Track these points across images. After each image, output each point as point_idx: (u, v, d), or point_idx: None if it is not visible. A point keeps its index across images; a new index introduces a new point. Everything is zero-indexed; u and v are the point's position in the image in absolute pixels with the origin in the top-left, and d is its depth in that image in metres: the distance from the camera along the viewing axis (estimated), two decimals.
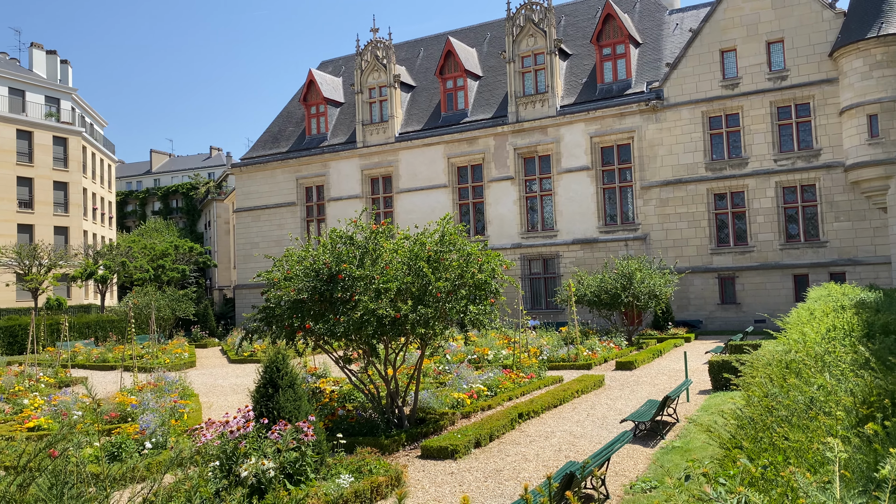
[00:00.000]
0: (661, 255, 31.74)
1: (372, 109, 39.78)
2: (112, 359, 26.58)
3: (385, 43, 39.62)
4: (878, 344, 5.53)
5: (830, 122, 29.42)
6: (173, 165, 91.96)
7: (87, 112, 60.21)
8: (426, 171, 37.75)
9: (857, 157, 28.28)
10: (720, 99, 31.44)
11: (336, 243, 12.77)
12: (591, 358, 20.81)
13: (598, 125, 33.75)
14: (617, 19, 34.26)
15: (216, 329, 39.12)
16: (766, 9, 30.88)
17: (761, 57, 30.83)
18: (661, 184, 32.32)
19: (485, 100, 37.80)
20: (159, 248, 43.90)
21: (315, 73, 42.33)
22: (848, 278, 28.20)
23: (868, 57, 27.94)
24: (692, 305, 31.58)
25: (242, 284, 41.61)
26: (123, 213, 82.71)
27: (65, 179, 52.23)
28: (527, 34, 35.63)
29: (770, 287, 30.29)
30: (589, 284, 25.41)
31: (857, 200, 28.93)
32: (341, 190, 39.98)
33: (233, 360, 27.25)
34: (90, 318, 34.40)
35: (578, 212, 34.04)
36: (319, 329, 11.74)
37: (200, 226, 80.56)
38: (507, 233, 35.59)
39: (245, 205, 42.83)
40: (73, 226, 52.11)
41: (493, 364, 19.27)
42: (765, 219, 30.52)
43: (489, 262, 12.74)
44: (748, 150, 30.87)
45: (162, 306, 32.34)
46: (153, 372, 21.28)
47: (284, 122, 44.50)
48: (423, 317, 11.64)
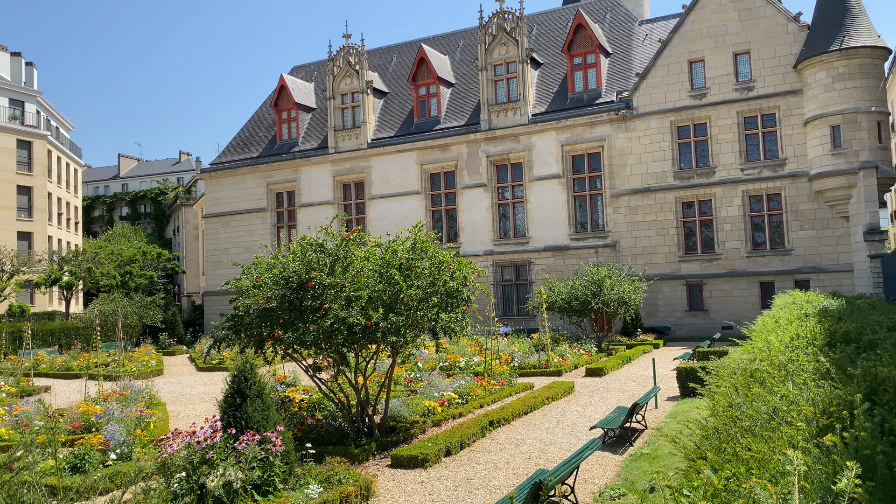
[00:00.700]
0: (630, 262, 32.06)
1: (344, 115, 39.65)
2: (77, 367, 26.08)
3: (358, 49, 39.56)
4: (838, 353, 5.64)
5: (795, 132, 30.01)
6: (142, 170, 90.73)
7: (53, 115, 59.16)
8: (399, 177, 37.72)
9: (820, 166, 28.88)
10: (688, 109, 31.90)
11: (306, 251, 12.68)
12: (561, 364, 20.93)
13: (569, 134, 34.04)
14: (588, 29, 34.61)
15: (184, 336, 38.60)
16: (733, 21, 31.44)
17: (728, 68, 31.37)
18: (631, 192, 32.68)
19: (458, 107, 37.91)
20: (127, 254, 43.22)
21: (287, 79, 42.10)
22: (812, 286, 28.73)
23: (831, 69, 28.58)
24: (661, 312, 31.93)
25: (211, 291, 41.13)
26: (90, 219, 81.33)
27: (29, 184, 51.22)
28: (499, 43, 35.84)
29: (737, 294, 30.75)
30: (560, 291, 25.58)
31: (821, 209, 29.53)
32: (313, 196, 39.76)
33: (201, 367, 26.91)
34: (54, 326, 33.72)
35: (550, 219, 34.27)
36: (289, 338, 11.64)
37: (169, 231, 79.53)
38: (480, 239, 35.69)
39: (214, 210, 42.37)
40: (37, 231, 51.10)
41: (464, 371, 19.28)
42: (732, 227, 31.00)
43: (461, 269, 12.75)
44: (716, 160, 31.36)
45: (129, 313, 31.83)
46: (119, 380, 20.90)
47: (255, 128, 44.17)
48: (395, 325, 11.60)
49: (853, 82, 28.33)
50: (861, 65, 28.36)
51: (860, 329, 7.64)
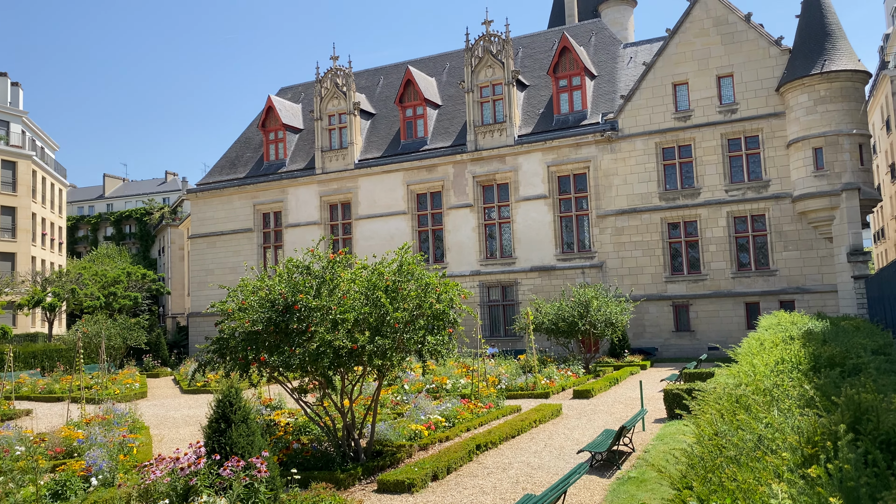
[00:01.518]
0: (616, 282, 32.16)
1: (331, 136, 39.74)
2: (59, 390, 25.72)
3: (345, 71, 39.74)
4: (823, 378, 5.66)
5: (778, 154, 30.36)
6: (127, 190, 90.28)
7: (38, 135, 58.88)
8: (385, 197, 37.76)
9: (803, 188, 29.20)
10: (673, 130, 32.23)
11: (292, 273, 12.64)
12: (548, 387, 20.88)
13: (555, 155, 34.26)
14: (573, 52, 34.98)
15: (169, 358, 38.21)
16: (716, 44, 31.89)
17: (712, 90, 31.77)
18: (617, 213, 32.87)
19: (444, 128, 38.10)
20: (111, 274, 42.84)
21: (274, 100, 42.18)
22: (797, 306, 28.93)
23: (812, 92, 29.01)
24: (648, 333, 32.00)
25: (196, 312, 40.82)
26: (74, 239, 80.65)
27: (13, 204, 50.83)
28: (485, 65, 36.13)
29: (723, 315, 30.89)
30: (547, 312, 25.59)
31: (805, 230, 29.81)
32: (299, 216, 39.70)
33: (186, 390, 26.62)
34: (37, 348, 33.28)
35: (536, 239, 34.37)
36: (274, 361, 11.56)
37: (154, 252, 78.98)
38: (467, 260, 35.71)
39: (200, 231, 42.19)
40: (20, 252, 50.63)
41: (451, 394, 19.19)
42: (717, 247, 31.21)
43: (447, 291, 12.74)
44: (700, 181, 31.64)
45: (113, 335, 31.49)
46: (102, 403, 20.64)
47: (242, 148, 44.14)
48: (381, 348, 11.55)
49: (834, 105, 28.75)
50: (842, 88, 28.81)
51: (844, 353, 7.69)
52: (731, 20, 31.78)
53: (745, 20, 31.54)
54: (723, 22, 31.91)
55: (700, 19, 32.32)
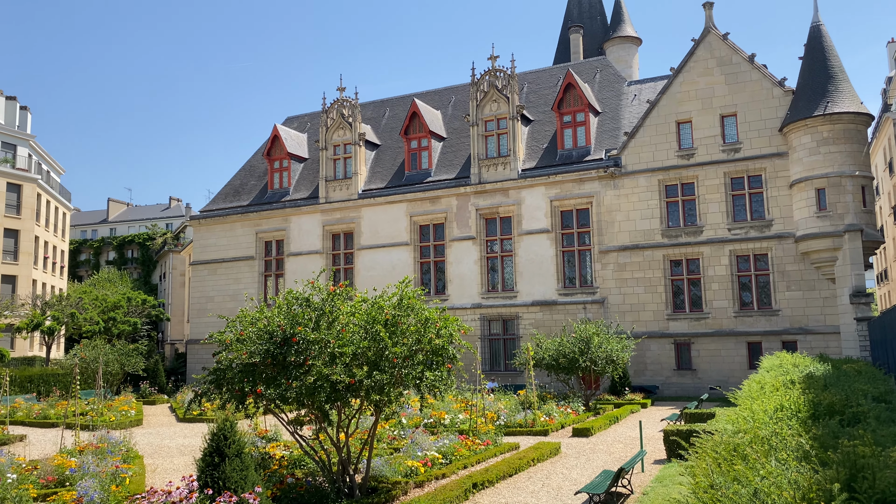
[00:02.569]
0: (618, 319, 32.03)
1: (336, 166, 39.97)
2: (54, 415, 25.53)
3: (351, 102, 40.11)
4: (821, 428, 5.59)
5: (781, 193, 30.43)
6: (131, 215, 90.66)
7: (45, 159, 59.32)
8: (388, 228, 37.85)
9: (806, 228, 29.20)
10: (676, 168, 32.35)
11: (292, 305, 12.61)
12: (548, 424, 20.68)
13: (558, 189, 34.38)
14: (577, 88, 35.30)
15: (166, 385, 37.97)
16: (719, 84, 32.15)
17: (715, 129, 31.95)
18: (619, 248, 32.86)
19: (448, 160, 38.32)
20: (111, 299, 42.80)
21: (280, 129, 42.53)
22: (799, 347, 28.75)
23: (815, 133, 29.16)
24: (649, 370, 31.78)
25: (195, 340, 40.69)
26: (76, 263, 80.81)
27: (16, 227, 51.03)
28: (490, 99, 36.45)
29: (725, 354, 30.70)
30: (547, 348, 25.44)
31: (808, 271, 29.74)
32: (301, 245, 39.76)
33: (182, 418, 26.41)
34: (33, 372, 33.13)
35: (538, 273, 34.33)
36: (270, 394, 11.48)
37: (155, 277, 79.05)
38: (468, 292, 35.64)
39: (202, 258, 42.24)
40: (21, 275, 50.68)
41: (449, 429, 19.00)
42: (719, 286, 31.13)
43: (447, 326, 12.68)
44: (703, 219, 31.67)
45: (111, 360, 31.35)
46: (97, 430, 20.46)
47: (247, 176, 44.39)
48: (379, 383, 11.47)
49: (837, 147, 28.88)
50: (845, 130, 28.96)
51: (844, 400, 7.61)
52: (735, 60, 32.09)
53: (748, 61, 31.85)
54: (727, 62, 32.22)
55: (704, 59, 32.65)
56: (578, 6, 51.79)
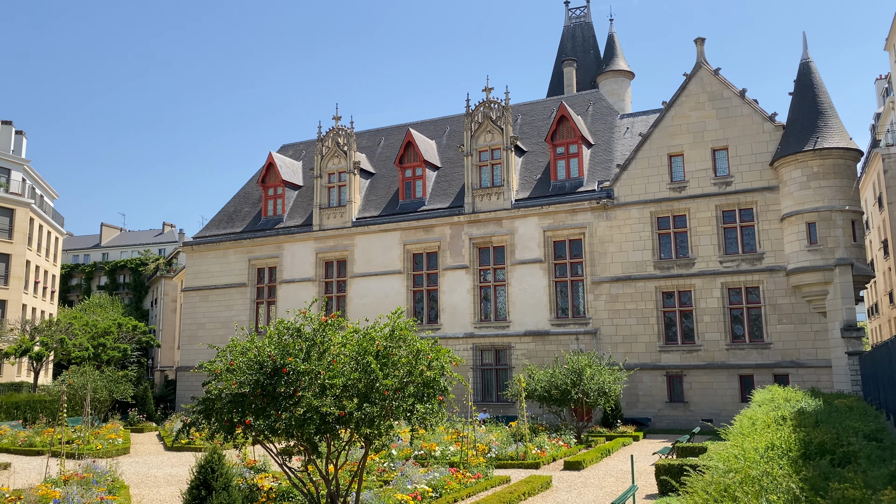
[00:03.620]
0: (610, 350, 31.98)
1: (330, 194, 40.06)
2: (40, 443, 25.20)
3: (347, 130, 40.35)
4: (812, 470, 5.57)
5: (772, 227, 30.63)
6: (124, 240, 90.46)
7: (39, 183, 59.28)
8: (382, 256, 37.85)
9: (797, 262, 29.35)
10: (668, 200, 32.57)
11: (283, 335, 12.56)
12: (539, 456, 20.53)
13: (551, 220, 34.52)
14: (570, 121, 35.64)
15: (154, 413, 37.55)
16: (711, 118, 32.52)
17: (707, 163, 32.24)
18: (612, 280, 32.93)
19: (442, 190, 38.47)
20: (101, 325, 42.49)
21: (275, 156, 42.69)
22: (791, 380, 28.72)
23: (805, 168, 29.46)
24: (641, 403, 31.65)
25: (185, 367, 40.36)
26: (67, 287, 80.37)
27: (8, 251, 50.80)
28: (484, 130, 36.74)
29: (717, 386, 30.63)
30: (539, 379, 25.35)
31: (799, 304, 29.83)
32: (294, 272, 39.69)
33: (170, 447, 26.10)
34: (20, 398, 32.73)
35: (531, 303, 34.31)
36: (259, 425, 11.38)
37: (147, 303, 78.65)
38: (461, 322, 35.56)
39: (194, 284, 42.08)
40: (11, 299, 50.33)
41: (439, 461, 18.83)
42: (711, 318, 31.16)
43: (439, 358, 12.63)
44: (695, 251, 31.81)
45: (99, 387, 30.99)
46: (83, 459, 20.22)
47: (241, 203, 44.43)
48: (369, 415, 11.38)
49: (827, 181, 29.16)
50: (834, 165, 29.28)
51: (836, 439, 7.59)
52: (726, 95, 32.50)
53: (739, 96, 32.26)
54: (718, 97, 32.63)
55: (696, 93, 33.06)
56: (572, 40, 52.51)
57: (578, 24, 53.69)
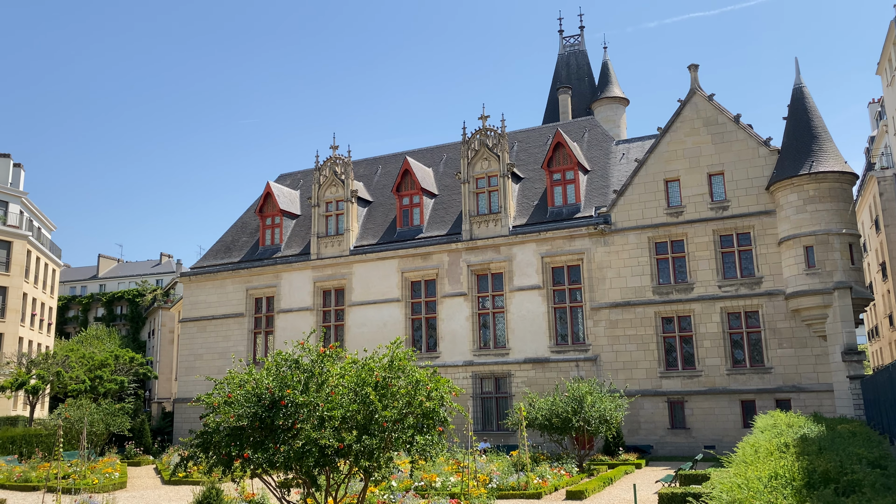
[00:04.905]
0: (611, 376, 31.80)
1: (328, 222, 40.11)
2: (35, 478, 24.87)
3: (344, 160, 40.52)
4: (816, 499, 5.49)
5: (770, 251, 30.65)
6: (121, 271, 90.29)
7: (36, 216, 59.33)
8: (380, 284, 37.78)
9: (796, 286, 29.32)
10: (665, 226, 32.63)
11: (281, 366, 12.50)
12: (541, 486, 20.29)
13: (548, 246, 34.54)
14: (566, 147, 35.83)
15: (151, 446, 37.17)
16: (706, 143, 32.71)
17: (703, 187, 32.35)
18: (611, 305, 32.85)
19: (440, 217, 38.54)
20: (98, 357, 42.21)
21: (273, 186, 42.80)
22: (793, 405, 28.54)
23: (802, 192, 29.56)
24: (643, 430, 31.39)
25: (183, 398, 40.03)
26: (64, 319, 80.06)
27: (5, 284, 50.67)
28: (481, 157, 36.91)
29: (718, 412, 30.42)
30: (540, 407, 25.14)
31: (799, 328, 29.74)
32: (292, 302, 39.58)
33: (167, 480, 25.80)
34: (16, 433, 32.41)
35: (530, 330, 34.18)
36: (258, 458, 11.28)
37: (144, 334, 78.30)
38: (460, 349, 35.38)
39: (191, 315, 41.93)
40: (7, 332, 50.07)
41: (440, 493, 18.59)
42: (711, 343, 31.04)
43: (438, 388, 12.55)
44: (693, 276, 31.79)
45: (96, 420, 30.70)
46: (79, 494, 19.97)
47: (238, 233, 44.45)
48: (368, 447, 11.28)
49: (823, 205, 29.25)
50: (830, 188, 29.39)
51: (839, 467, 7.51)
52: (721, 120, 32.73)
53: (734, 121, 32.48)
54: (713, 122, 32.86)
55: (690, 119, 33.29)
56: (567, 68, 52.99)
57: (573, 51, 54.23)
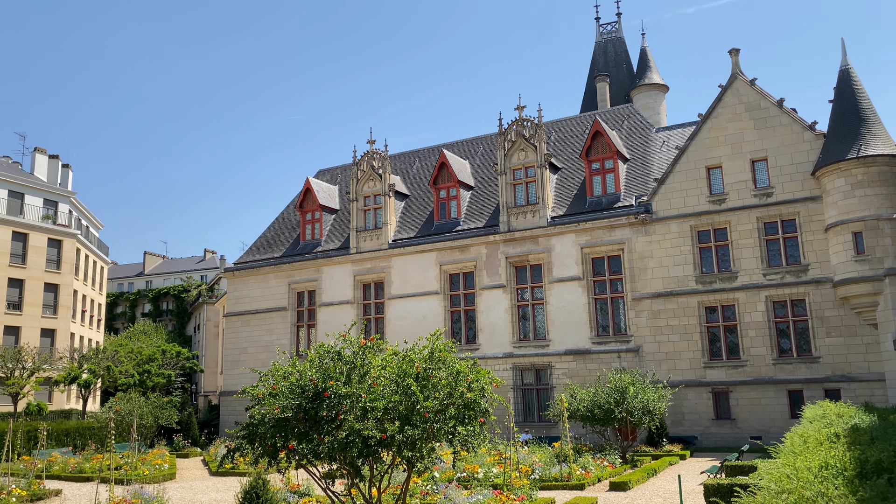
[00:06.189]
0: (653, 367, 31.45)
1: (366, 217, 40.39)
2: (89, 469, 25.65)
3: (381, 154, 40.72)
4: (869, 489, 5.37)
5: (817, 238, 29.93)
6: (166, 268, 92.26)
7: (84, 214, 60.95)
8: (418, 277, 37.92)
9: (844, 273, 28.58)
10: (708, 214, 32.07)
11: (323, 358, 12.63)
12: (584, 477, 20.20)
13: (588, 236, 34.25)
14: (605, 136, 35.44)
15: (199, 438, 38.02)
16: (749, 129, 32.03)
17: (746, 174, 31.71)
18: (653, 296, 32.45)
19: (477, 209, 38.50)
20: (146, 352, 43.29)
21: (312, 181, 43.24)
22: (843, 395, 27.88)
23: (849, 177, 28.77)
24: (686, 421, 31.00)
25: (228, 392, 40.81)
26: (113, 315, 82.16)
27: (56, 281, 52.18)
28: (518, 148, 36.72)
29: (765, 403, 29.86)
30: (582, 399, 25.00)
31: (848, 316, 29.00)
32: (333, 295, 39.98)
33: (214, 472, 26.37)
34: (70, 425, 33.42)
35: (570, 322, 33.97)
36: (303, 449, 11.43)
37: (190, 329, 79.92)
38: (499, 341, 35.34)
39: (235, 309, 42.66)
40: (60, 328, 51.61)
41: (482, 483, 18.65)
42: (756, 333, 30.47)
43: (479, 380, 12.56)
44: (737, 264, 31.21)
45: (145, 413, 31.53)
46: (131, 485, 20.54)
47: (279, 228, 45.05)
48: (410, 438, 11.35)
49: (872, 189, 28.42)
50: (879, 172, 28.53)
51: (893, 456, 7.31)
52: (764, 105, 32.01)
53: (777, 105, 31.74)
54: (755, 107, 32.15)
55: (732, 105, 32.62)
56: (604, 55, 52.39)
57: (610, 39, 53.58)
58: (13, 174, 52.74)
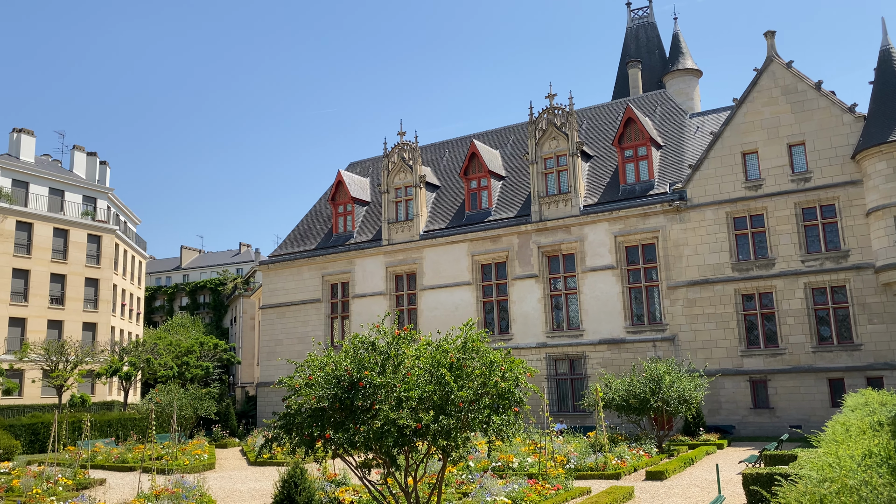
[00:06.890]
0: (689, 356, 31.11)
1: (398, 208, 40.52)
2: (131, 459, 26.26)
3: (411, 145, 40.77)
4: None
5: (857, 223, 29.26)
6: (203, 261, 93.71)
7: (122, 210, 62.15)
8: (450, 268, 37.96)
9: (886, 258, 27.92)
10: (744, 200, 31.55)
11: (358, 349, 12.72)
12: (620, 467, 20.10)
13: (621, 225, 33.92)
14: (638, 123, 35.01)
15: (237, 429, 38.66)
16: (785, 113, 31.39)
17: (783, 159, 31.10)
18: (688, 284, 32.06)
19: (508, 199, 38.36)
20: (184, 344, 44.12)
21: (343, 174, 43.49)
22: (886, 384, 27.29)
23: (892, 160, 28.04)
24: (724, 410, 30.63)
25: (265, 383, 41.40)
26: (151, 309, 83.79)
27: (96, 276, 53.37)
28: (549, 137, 36.46)
29: (804, 391, 29.37)
30: (617, 388, 24.84)
31: (891, 302, 28.35)
32: (366, 287, 40.24)
33: (252, 462, 26.77)
34: (112, 416, 34.24)
35: (604, 311, 33.73)
36: (339, 439, 11.54)
37: (226, 321, 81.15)
38: (532, 331, 35.26)
39: (271, 301, 43.18)
40: (101, 322, 52.80)
41: (517, 473, 18.66)
42: (795, 320, 29.94)
43: (513, 369, 12.54)
44: (774, 251, 30.68)
45: (184, 405, 32.14)
46: (172, 474, 20.96)
47: (312, 221, 45.43)
48: (445, 427, 11.38)
49: None
50: None
51: None
52: (801, 88, 31.33)
53: (815, 88, 31.04)
54: (792, 90, 31.48)
55: (768, 88, 31.98)
56: (636, 41, 51.72)
57: (641, 24, 52.85)
58: (53, 172, 53.98)
